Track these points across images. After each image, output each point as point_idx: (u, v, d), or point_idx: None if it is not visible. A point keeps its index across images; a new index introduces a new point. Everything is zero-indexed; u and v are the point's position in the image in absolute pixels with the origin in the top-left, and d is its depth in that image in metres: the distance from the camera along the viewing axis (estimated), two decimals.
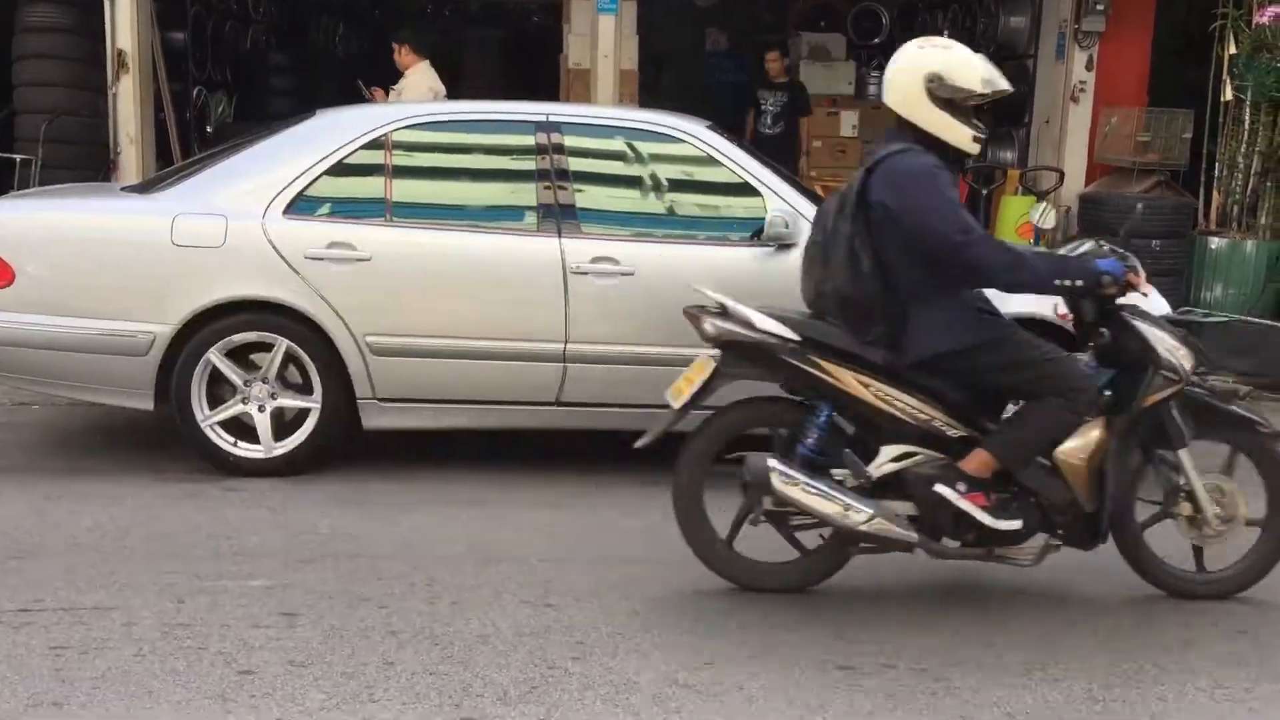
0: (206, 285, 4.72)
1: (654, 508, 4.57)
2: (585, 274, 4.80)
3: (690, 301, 4.07)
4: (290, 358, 4.81)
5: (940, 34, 11.49)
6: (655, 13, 9.49)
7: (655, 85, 11.09)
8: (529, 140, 4.97)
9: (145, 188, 5.28)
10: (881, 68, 12.22)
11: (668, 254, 4.89)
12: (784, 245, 4.78)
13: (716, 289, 4.71)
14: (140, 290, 4.74)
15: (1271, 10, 7.05)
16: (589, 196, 4.96)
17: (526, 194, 4.94)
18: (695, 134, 5.04)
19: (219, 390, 4.84)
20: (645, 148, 5.06)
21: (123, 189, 5.72)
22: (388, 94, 7.46)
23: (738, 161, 5.00)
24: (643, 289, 4.81)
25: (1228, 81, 7.53)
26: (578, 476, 4.99)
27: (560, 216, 4.87)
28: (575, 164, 4.96)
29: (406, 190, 4.91)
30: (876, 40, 12.37)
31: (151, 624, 3.42)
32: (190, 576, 3.79)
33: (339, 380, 4.80)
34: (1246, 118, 7.51)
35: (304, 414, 4.85)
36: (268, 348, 4.79)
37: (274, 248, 4.75)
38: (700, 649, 3.42)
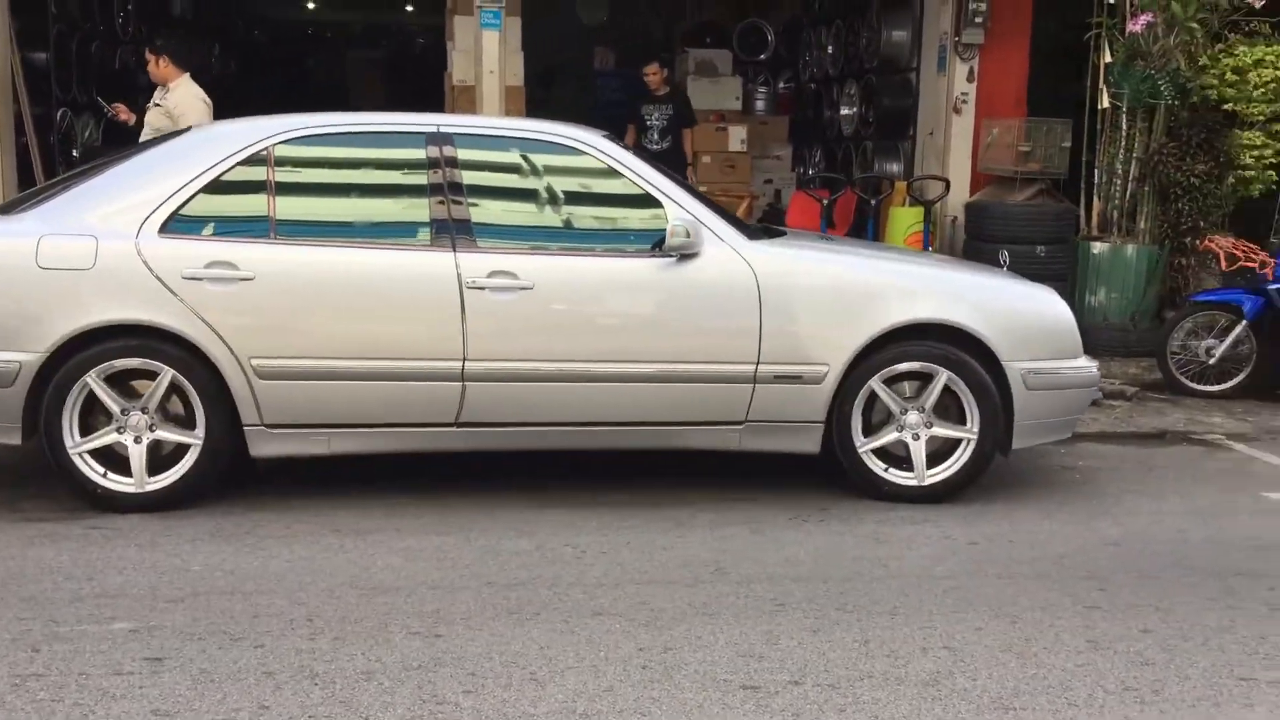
0: (77, 310, 4.44)
1: (544, 526, 4.50)
2: (483, 289, 4.60)
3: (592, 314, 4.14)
4: (172, 386, 4.53)
5: (825, 49, 11.69)
6: (543, 32, 9.38)
7: (544, 103, 10.97)
8: (419, 153, 4.77)
9: (4, 210, 4.95)
10: (768, 83, 12.50)
11: (568, 267, 4.74)
12: (685, 255, 4.68)
13: (618, 301, 4.76)
14: (2, 317, 4.44)
15: (1144, 18, 7.21)
16: (484, 210, 4.77)
17: (418, 208, 4.74)
18: (593, 144, 4.90)
19: (94, 421, 4.54)
20: (541, 159, 4.90)
21: None
22: (138, 110, 7.00)
23: (637, 172, 4.86)
24: (543, 303, 4.66)
25: (1104, 89, 7.68)
26: (465, 499, 4.80)
27: (454, 230, 4.67)
28: (469, 176, 4.77)
29: (291, 206, 4.68)
30: (762, 56, 12.46)
31: (2, 677, 3.14)
32: (46, 622, 3.50)
33: (223, 407, 4.55)
34: (1124, 124, 7.67)
35: (184, 447, 4.58)
36: (149, 375, 4.51)
37: (149, 268, 4.47)
38: (599, 674, 3.26)
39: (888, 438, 4.85)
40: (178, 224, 4.56)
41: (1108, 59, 7.62)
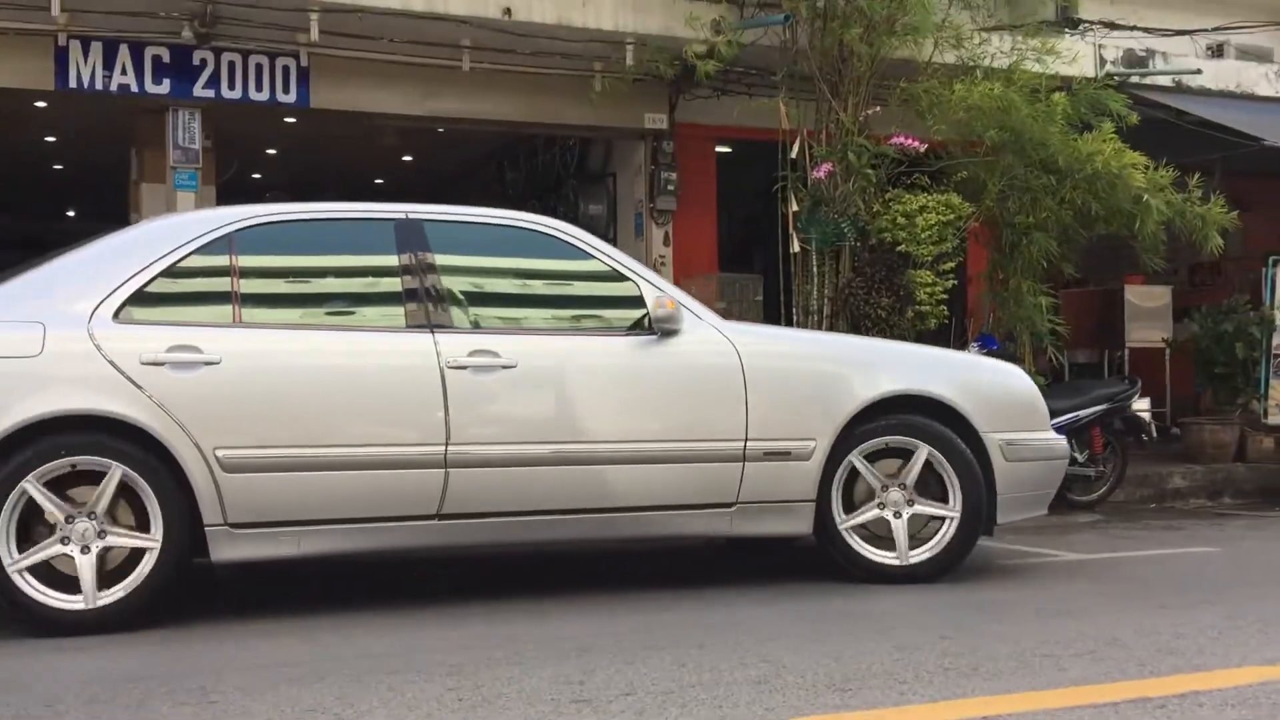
0: (19, 402, 3.93)
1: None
2: (464, 368, 4.33)
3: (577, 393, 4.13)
4: (122, 486, 3.97)
5: None
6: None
7: None
8: (389, 238, 4.53)
9: None
10: None
11: (549, 346, 4.57)
12: (667, 332, 4.56)
13: (603, 379, 4.51)
14: None
15: (825, 167, 7.91)
16: (458, 292, 4.56)
17: (391, 292, 4.49)
18: (560, 228, 4.81)
19: (32, 532, 3.95)
20: (511, 242, 4.77)
21: None
22: None
23: (608, 253, 4.79)
24: (527, 382, 4.43)
25: (794, 235, 8.30)
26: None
27: (430, 313, 4.41)
28: (441, 260, 4.54)
29: (257, 292, 4.41)
30: None
31: None
32: None
33: (182, 506, 4.02)
34: (814, 265, 8.28)
35: (136, 556, 4.00)
36: (91, 479, 3.96)
37: (103, 355, 4.04)
38: (418, 704, 2.89)
39: (868, 515, 4.70)
40: (134, 310, 4.18)
41: (794, 208, 8.27)
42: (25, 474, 3.89)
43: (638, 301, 4.63)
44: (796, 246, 8.35)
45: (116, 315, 4.14)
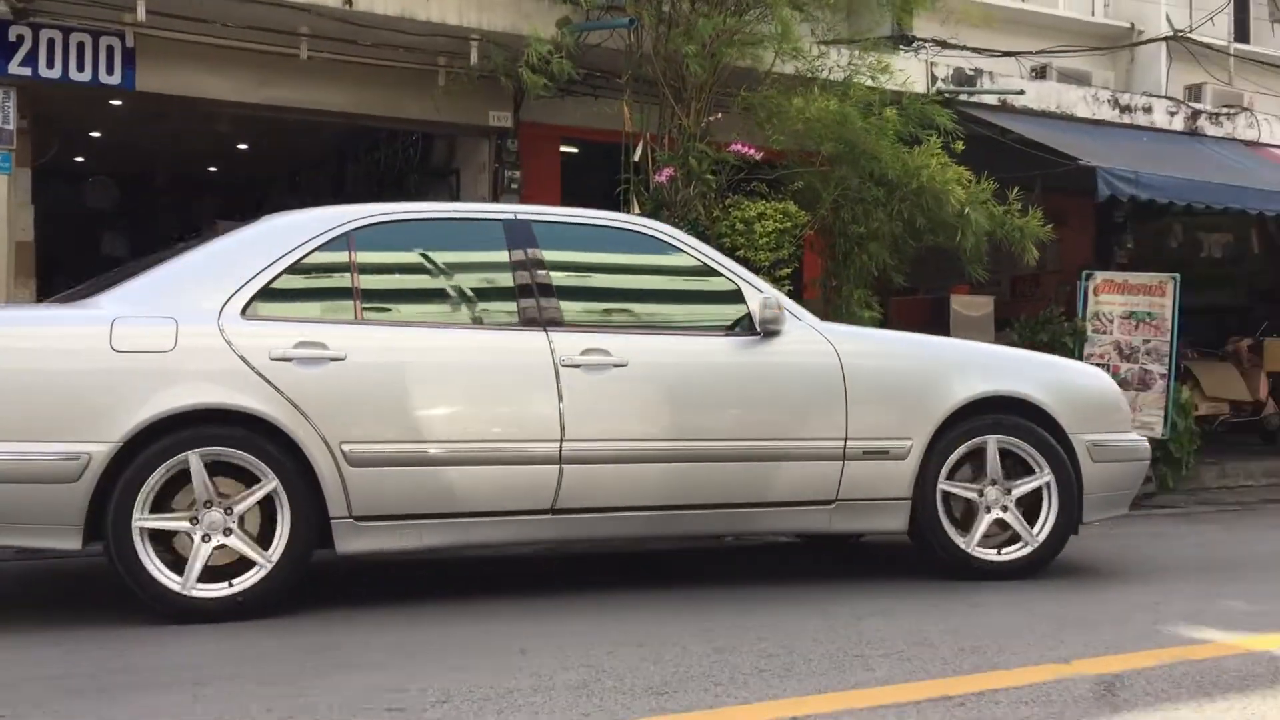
0: (154, 395, 4.00)
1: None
2: (577, 366, 4.43)
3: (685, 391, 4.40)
4: (249, 479, 4.08)
5: None
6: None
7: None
8: (499, 238, 4.65)
9: (72, 297, 4.47)
10: None
11: (657, 344, 4.65)
12: (769, 332, 4.66)
13: (710, 378, 4.60)
14: (70, 405, 3.97)
15: (666, 172, 7.98)
16: (568, 291, 4.66)
17: (504, 290, 4.62)
18: (661, 229, 4.97)
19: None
20: (615, 242, 4.91)
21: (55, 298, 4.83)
22: None
23: (709, 254, 4.91)
24: (637, 380, 4.51)
25: None
26: None
27: (542, 310, 4.52)
28: (550, 259, 4.65)
29: (376, 289, 4.50)
30: None
31: None
32: None
33: (309, 499, 4.10)
34: None
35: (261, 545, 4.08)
36: (215, 471, 4.05)
37: (233, 350, 4.12)
38: None
39: (982, 528, 4.77)
40: (260, 306, 4.26)
41: (637, 211, 8.32)
42: (160, 463, 3.96)
43: (738, 301, 4.75)
44: None
45: (244, 311, 4.22)
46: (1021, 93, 10.12)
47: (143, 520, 3.95)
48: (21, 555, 5.18)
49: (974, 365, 4.97)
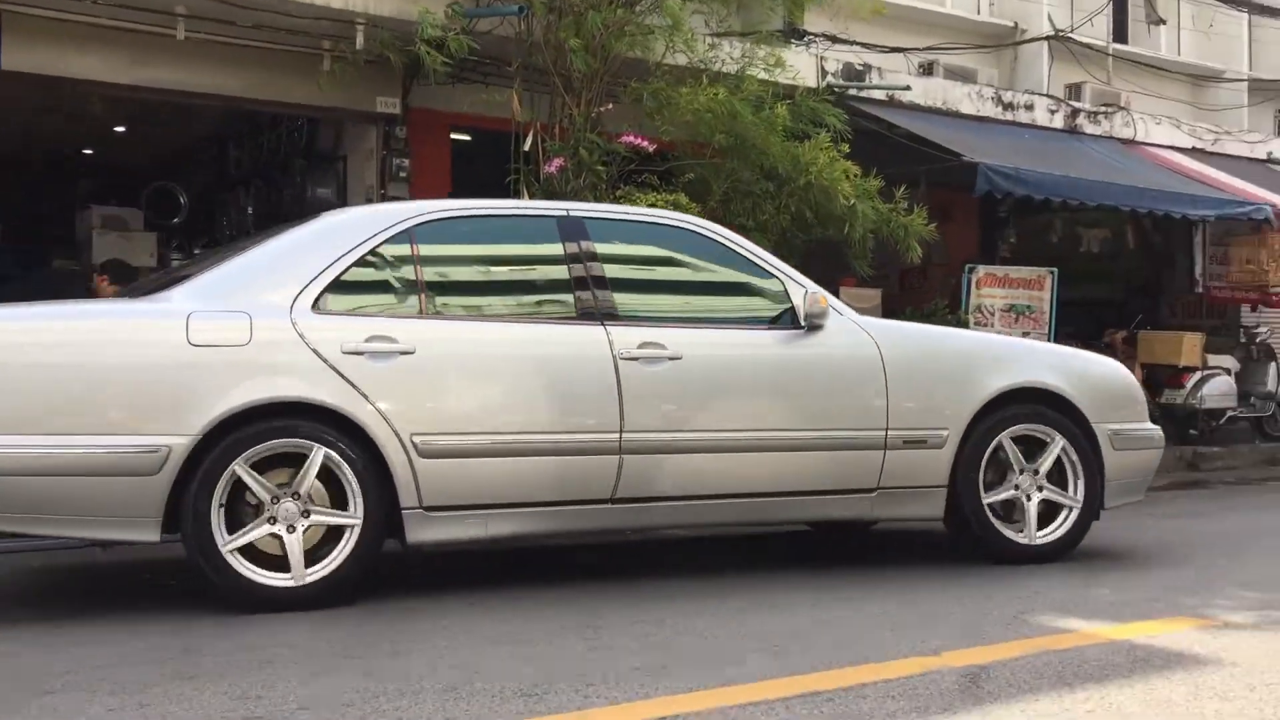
0: (232, 388, 4.08)
1: None
2: (635, 359, 4.57)
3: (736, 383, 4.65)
4: (322, 470, 4.15)
5: (244, 211, 11.49)
6: None
7: None
8: (553, 233, 4.78)
9: (140, 292, 4.65)
10: (182, 248, 11.97)
11: (708, 338, 4.82)
12: (814, 326, 4.83)
13: (759, 371, 4.78)
14: (150, 398, 4.04)
15: (557, 162, 7.92)
16: (621, 286, 4.81)
17: (560, 284, 4.73)
18: (705, 226, 5.12)
19: (238, 514, 4.10)
20: (663, 239, 5.06)
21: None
22: None
23: (751, 250, 5.06)
24: (691, 373, 4.66)
25: None
26: None
27: (598, 305, 4.66)
28: (603, 254, 4.80)
29: (438, 284, 4.61)
30: (176, 220, 11.94)
31: None
32: None
33: (381, 490, 4.19)
34: None
35: (331, 538, 4.16)
36: (289, 461, 4.13)
37: (307, 344, 4.21)
38: None
39: (1005, 495, 4.99)
40: (330, 300, 4.35)
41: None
42: (235, 456, 4.03)
43: (781, 296, 4.91)
44: None
45: (314, 306, 4.29)
46: (909, 89, 10.29)
47: (229, 543, 4.02)
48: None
49: (1005, 358, 5.19)
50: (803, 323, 4.83)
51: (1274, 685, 3.13)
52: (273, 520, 4.09)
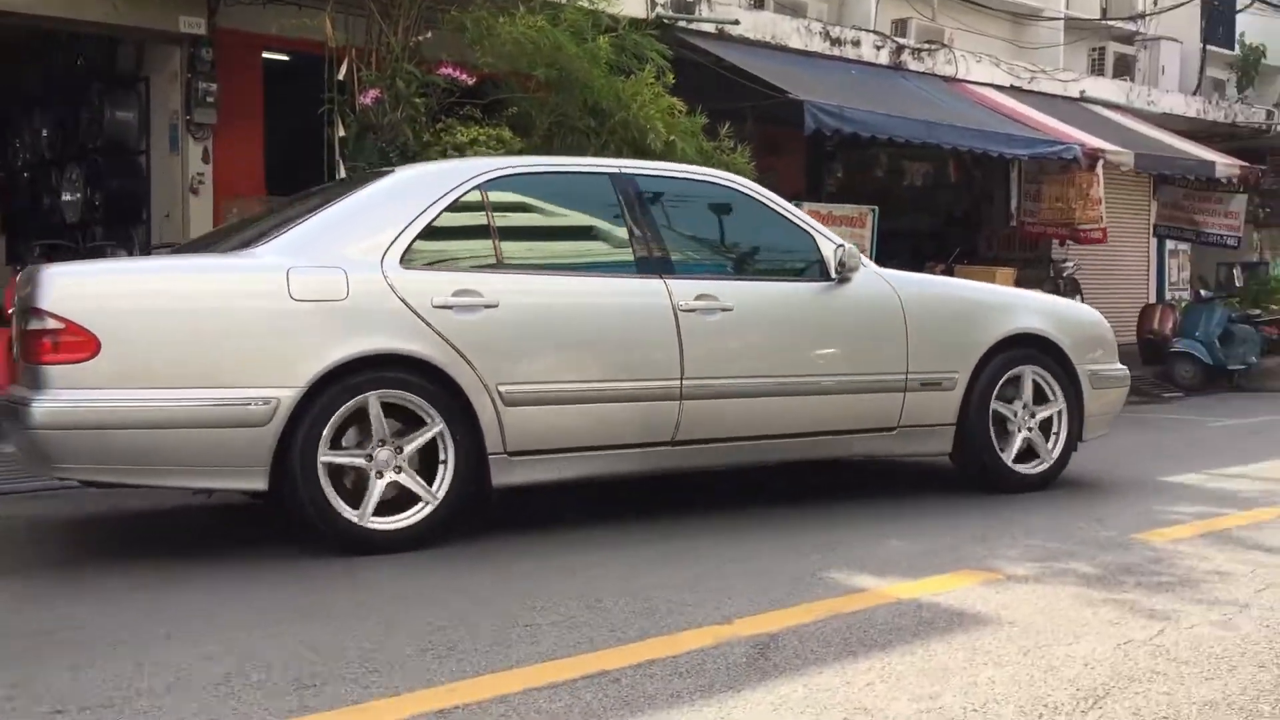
0: (334, 341, 4.30)
1: None
2: (693, 311, 4.91)
3: (780, 332, 5.17)
4: (415, 418, 4.43)
5: (40, 132, 10.71)
6: None
7: None
8: (608, 190, 5.06)
9: (202, 246, 5.17)
10: None
11: (754, 290, 5.21)
12: (844, 278, 5.23)
13: (800, 320, 5.25)
14: (256, 352, 4.24)
15: (372, 93, 7.58)
16: (674, 240, 5.14)
17: (620, 238, 5.04)
18: (741, 182, 5.45)
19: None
20: (706, 195, 5.40)
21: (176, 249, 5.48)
22: None
23: (782, 205, 5.40)
24: (742, 323, 5.05)
25: (341, 163, 7.93)
26: None
27: (656, 258, 4.99)
28: (655, 210, 5.13)
29: (510, 238, 4.88)
30: None
31: None
32: None
33: (470, 436, 4.48)
34: None
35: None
36: (391, 412, 4.40)
37: (400, 298, 4.43)
38: None
39: (1007, 430, 5.59)
40: (414, 255, 4.55)
41: (342, 133, 7.89)
42: (339, 406, 4.25)
43: (812, 249, 5.29)
44: (344, 173, 7.99)
45: (402, 260, 4.49)
46: (737, 23, 10.20)
47: (327, 457, 4.23)
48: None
49: (1003, 306, 5.76)
50: (833, 274, 5.24)
51: (1046, 648, 3.24)
52: (369, 459, 4.33)
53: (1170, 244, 15.15)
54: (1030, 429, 5.65)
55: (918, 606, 3.65)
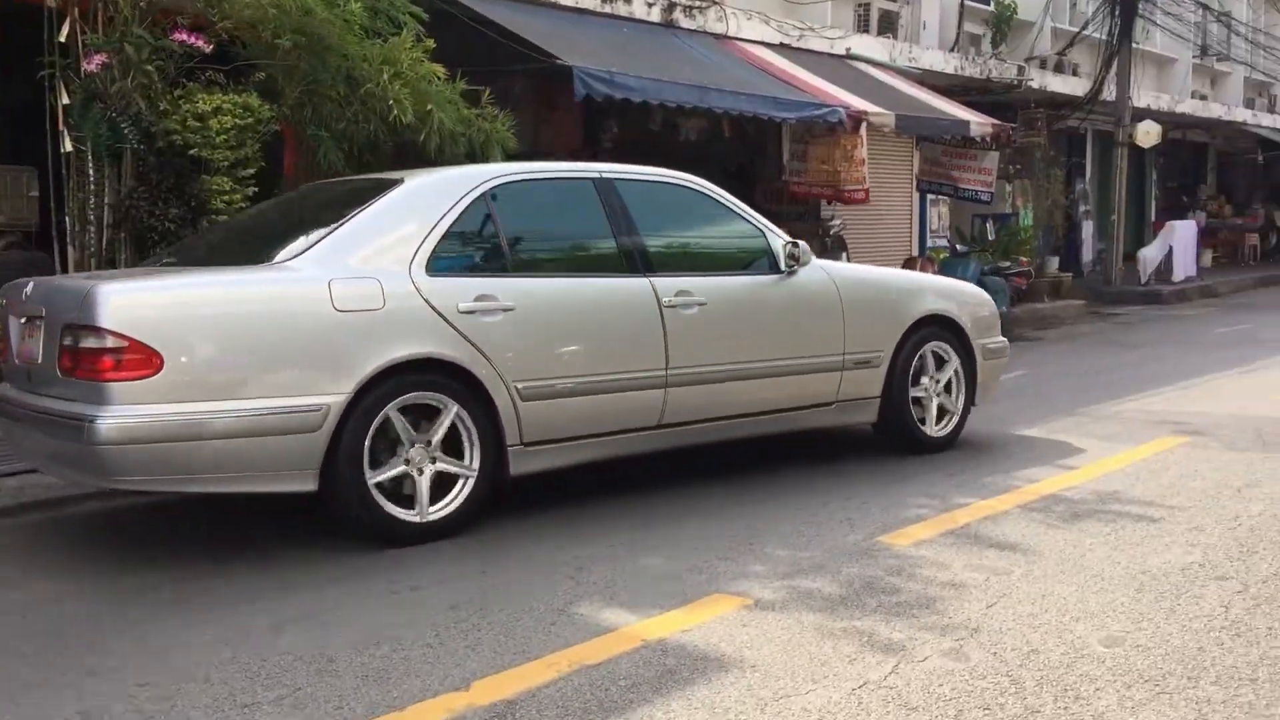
0: (375, 349, 4.63)
1: None
2: (674, 306, 5.46)
3: (743, 322, 5.79)
4: (426, 415, 4.79)
5: None
6: None
7: None
8: (592, 195, 5.50)
9: (208, 261, 5.43)
10: None
11: (720, 284, 5.74)
12: (793, 270, 5.91)
13: (760, 311, 5.87)
14: (308, 361, 4.55)
15: (98, 58, 6.94)
16: (651, 238, 5.60)
17: (607, 240, 5.49)
18: (702, 184, 5.95)
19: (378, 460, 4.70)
20: (671, 195, 5.88)
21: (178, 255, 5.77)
22: None
23: (736, 203, 6.01)
24: (716, 315, 5.62)
25: (65, 133, 7.26)
26: None
27: (640, 257, 5.48)
28: (634, 212, 5.55)
29: (516, 243, 5.26)
30: None
31: None
32: None
33: (493, 432, 4.89)
34: (90, 170, 7.32)
35: (451, 479, 4.86)
36: (419, 411, 4.76)
37: (430, 305, 4.79)
38: None
39: (920, 397, 6.43)
40: (437, 263, 4.91)
41: (65, 101, 7.21)
42: (380, 409, 4.61)
43: (761, 244, 5.93)
44: (69, 145, 7.33)
45: (427, 268, 4.85)
46: None
47: (373, 478, 4.61)
48: None
49: (915, 291, 6.51)
50: (783, 267, 5.88)
51: (785, 699, 3.24)
52: (408, 462, 4.72)
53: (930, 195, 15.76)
54: (939, 395, 6.51)
55: (663, 651, 3.60)
